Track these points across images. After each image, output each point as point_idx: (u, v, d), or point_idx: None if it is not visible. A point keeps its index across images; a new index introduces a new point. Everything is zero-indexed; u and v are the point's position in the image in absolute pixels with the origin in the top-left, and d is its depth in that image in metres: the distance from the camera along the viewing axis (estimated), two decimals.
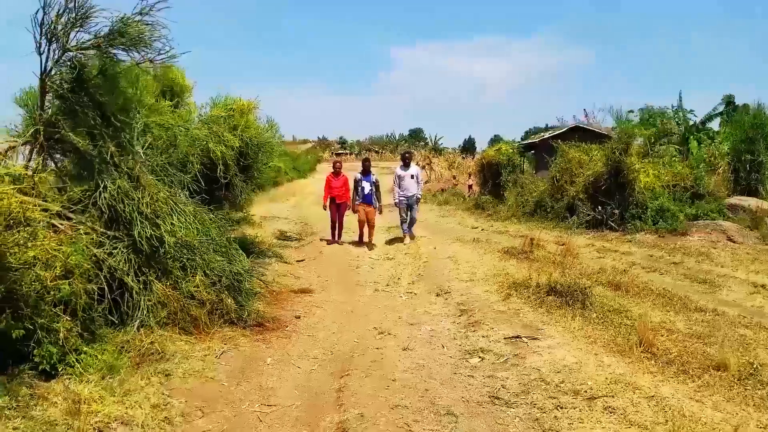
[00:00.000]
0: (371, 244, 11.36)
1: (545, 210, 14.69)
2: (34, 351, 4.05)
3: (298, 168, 43.27)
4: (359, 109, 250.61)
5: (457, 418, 3.97)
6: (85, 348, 4.34)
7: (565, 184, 14.16)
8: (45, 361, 4.05)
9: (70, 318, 4.26)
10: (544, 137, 24.11)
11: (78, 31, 5.10)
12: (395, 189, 11.62)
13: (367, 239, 11.47)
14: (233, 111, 9.10)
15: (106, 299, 4.83)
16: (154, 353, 4.71)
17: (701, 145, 20.26)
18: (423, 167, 36.50)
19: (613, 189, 12.85)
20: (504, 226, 14.28)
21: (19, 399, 3.66)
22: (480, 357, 5.13)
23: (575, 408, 3.97)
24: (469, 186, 26.12)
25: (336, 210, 11.73)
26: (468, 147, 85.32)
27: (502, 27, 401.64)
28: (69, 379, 4.02)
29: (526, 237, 10.53)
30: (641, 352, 4.94)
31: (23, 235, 4.10)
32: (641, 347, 5.00)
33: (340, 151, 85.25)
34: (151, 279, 5.29)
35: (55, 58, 5.08)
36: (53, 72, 5.13)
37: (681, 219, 11.80)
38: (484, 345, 5.40)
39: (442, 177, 38.34)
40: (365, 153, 79.26)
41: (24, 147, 5.25)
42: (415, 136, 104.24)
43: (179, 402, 4.09)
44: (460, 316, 6.43)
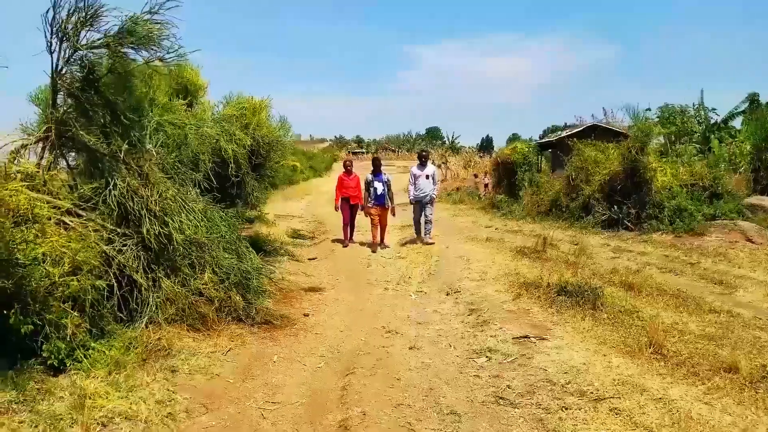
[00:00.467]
0: (384, 244, 11.22)
1: (560, 209, 14.49)
2: (42, 346, 4.10)
3: (314, 167, 43.46)
4: (377, 109, 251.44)
5: (461, 417, 3.94)
6: (93, 344, 4.39)
7: (581, 183, 13.94)
8: (53, 357, 4.11)
9: (78, 314, 4.30)
10: (561, 136, 23.88)
11: (88, 30, 5.17)
12: (410, 188, 11.45)
13: (380, 240, 11.26)
14: (245, 110, 9.16)
15: (115, 296, 4.89)
16: (161, 349, 4.75)
17: (722, 144, 19.92)
18: (438, 166, 36.37)
19: (630, 188, 12.63)
20: (518, 225, 14.14)
21: (26, 393, 3.71)
22: (487, 357, 5.09)
23: (580, 409, 3.92)
24: (485, 184, 25.85)
25: (349, 210, 11.51)
26: (486, 146, 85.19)
27: (523, 24, 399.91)
28: (76, 375, 4.07)
29: (539, 236, 10.45)
30: (651, 353, 4.86)
31: (32, 232, 4.16)
32: (651, 348, 4.91)
33: (356, 150, 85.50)
34: (160, 276, 5.34)
35: (66, 57, 5.15)
36: (64, 71, 5.20)
37: (698, 219, 11.54)
38: (491, 345, 5.35)
39: (458, 176, 38.15)
40: (382, 152, 79.42)
41: (36, 145, 5.31)
42: (432, 134, 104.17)
43: (184, 398, 4.11)
44: (469, 315, 6.39)
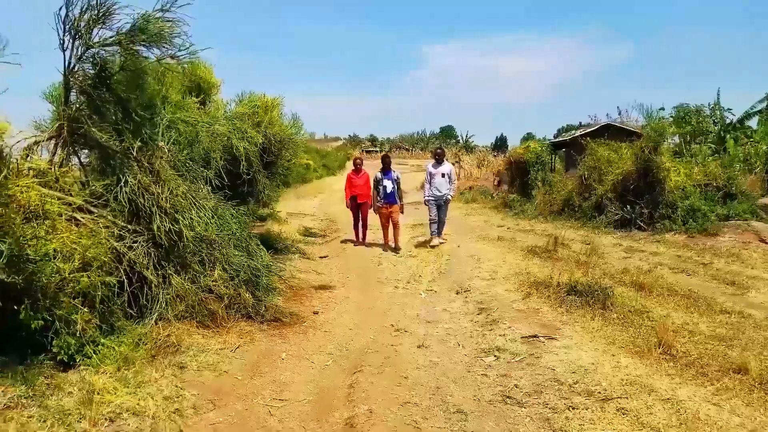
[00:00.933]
0: (397, 247, 10.75)
1: (573, 209, 14.39)
2: (52, 342, 4.14)
3: (327, 165, 43.53)
4: (391, 108, 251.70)
5: (467, 416, 3.94)
6: (103, 339, 4.42)
7: (594, 182, 13.85)
8: (63, 352, 4.14)
9: (88, 310, 4.34)
10: (574, 135, 23.66)
11: (100, 28, 5.20)
12: (426, 186, 11.17)
13: (393, 241, 10.84)
14: (257, 108, 9.20)
15: (125, 292, 4.93)
16: (170, 346, 4.78)
17: (737, 144, 19.63)
18: (452, 165, 36.15)
19: (643, 188, 12.53)
20: (530, 224, 14.07)
21: (36, 388, 3.74)
22: (495, 356, 5.07)
23: (587, 409, 3.89)
24: (498, 182, 25.60)
25: (357, 209, 11.39)
26: (499, 145, 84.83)
27: (538, 22, 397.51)
28: (85, 370, 4.10)
29: (551, 236, 10.40)
30: (660, 353, 4.82)
31: (42, 228, 4.20)
32: (660, 349, 4.87)
33: (370, 149, 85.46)
34: (170, 273, 5.37)
35: (79, 54, 5.19)
36: (76, 68, 5.24)
37: (712, 219, 11.40)
38: (500, 344, 5.33)
39: (471, 175, 37.96)
40: (395, 151, 79.39)
41: (49, 142, 5.37)
42: (446, 133, 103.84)
43: (192, 394, 4.14)
44: (478, 314, 6.37)
